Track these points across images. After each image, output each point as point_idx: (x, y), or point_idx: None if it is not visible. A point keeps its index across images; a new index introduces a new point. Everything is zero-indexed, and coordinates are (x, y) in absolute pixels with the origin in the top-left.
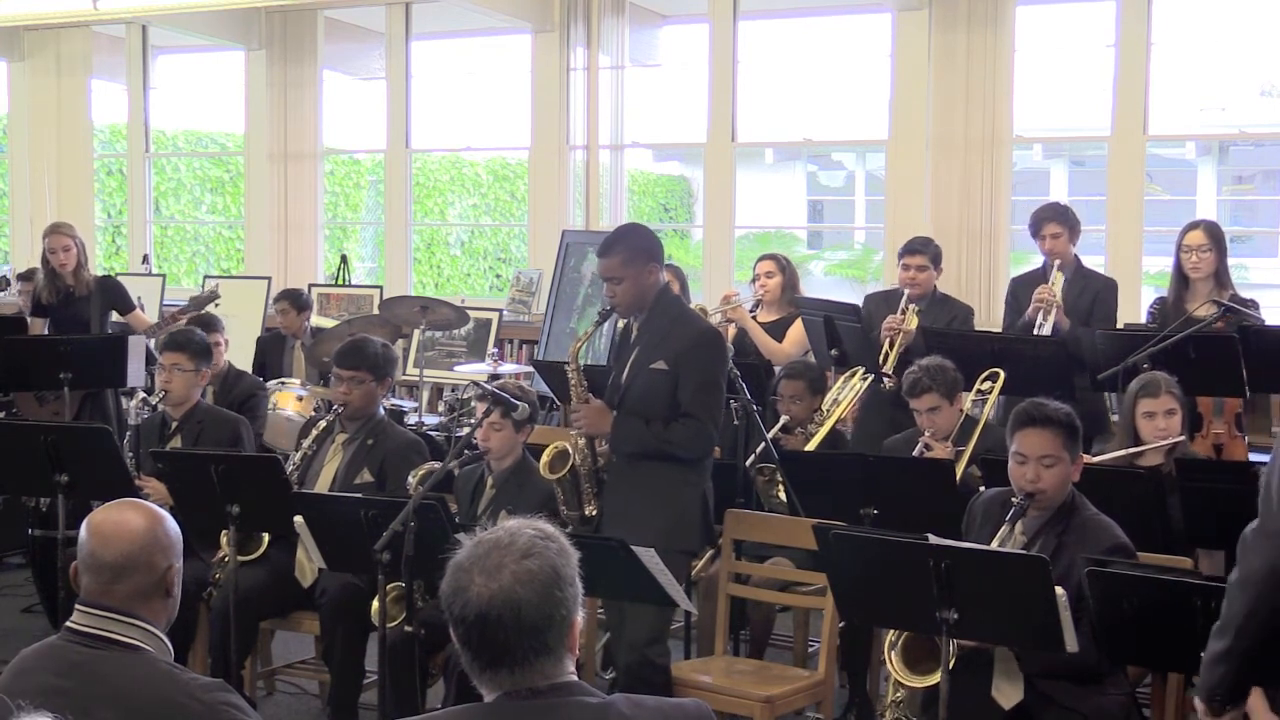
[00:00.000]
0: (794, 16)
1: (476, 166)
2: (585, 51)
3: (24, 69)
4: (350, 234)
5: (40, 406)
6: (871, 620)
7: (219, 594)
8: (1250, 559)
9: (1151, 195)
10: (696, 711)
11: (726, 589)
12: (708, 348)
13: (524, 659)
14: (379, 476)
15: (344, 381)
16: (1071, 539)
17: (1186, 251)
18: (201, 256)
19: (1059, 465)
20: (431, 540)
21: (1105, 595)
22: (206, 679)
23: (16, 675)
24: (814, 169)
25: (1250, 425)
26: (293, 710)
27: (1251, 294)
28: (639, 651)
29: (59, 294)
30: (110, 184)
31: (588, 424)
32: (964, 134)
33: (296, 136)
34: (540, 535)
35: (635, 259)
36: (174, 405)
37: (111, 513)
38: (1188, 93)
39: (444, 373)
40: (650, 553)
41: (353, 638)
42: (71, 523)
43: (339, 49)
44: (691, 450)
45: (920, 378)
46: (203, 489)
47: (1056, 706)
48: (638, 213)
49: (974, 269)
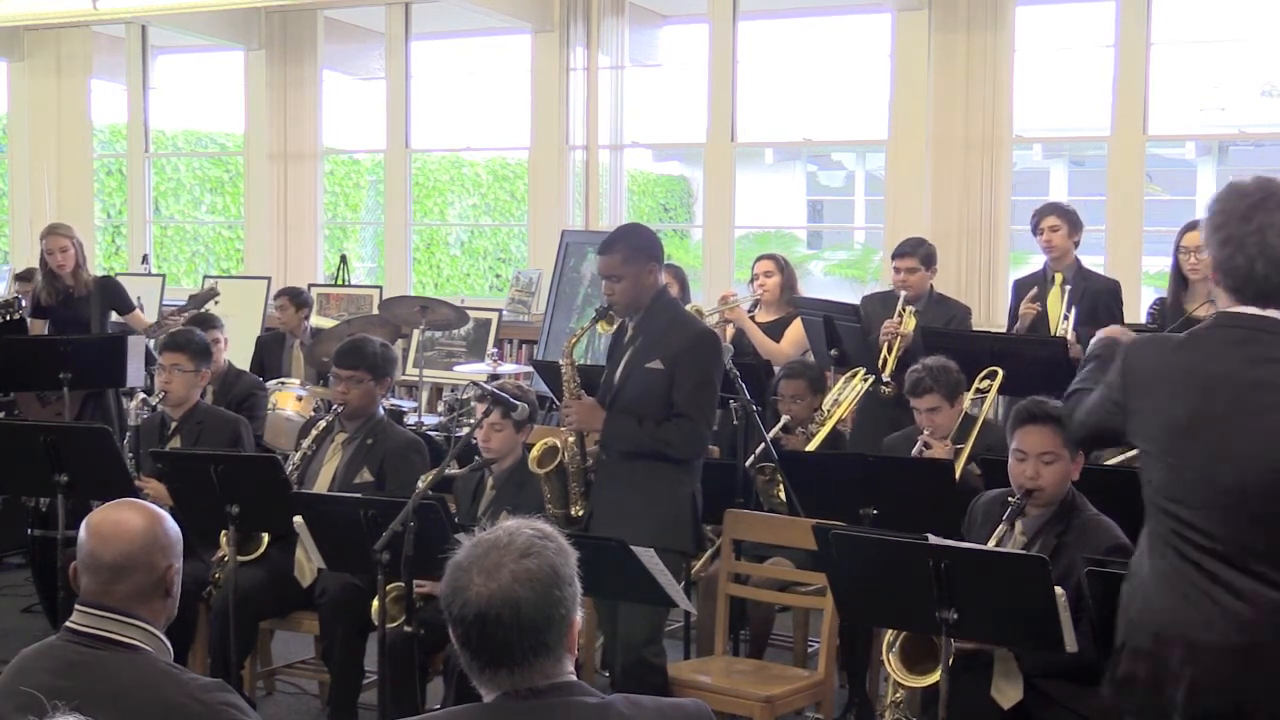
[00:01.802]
0: (794, 16)
1: (476, 166)
2: (585, 51)
3: (24, 69)
4: (350, 234)
5: (42, 407)
6: (871, 620)
7: (219, 594)
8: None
9: (1151, 195)
10: (696, 711)
11: (726, 589)
12: (704, 348)
13: (523, 658)
14: (378, 476)
15: (342, 381)
16: (1071, 539)
17: (1185, 252)
18: (201, 256)
19: (1059, 463)
20: (431, 540)
21: (1105, 595)
22: (206, 679)
23: (16, 675)
24: (814, 169)
25: None
26: (293, 710)
27: None
28: (636, 652)
29: (58, 295)
30: (110, 184)
31: (578, 420)
32: (964, 134)
33: (296, 136)
34: (539, 535)
35: (635, 258)
36: (174, 406)
37: (111, 513)
38: (1188, 93)
39: (444, 373)
40: (650, 553)
41: (352, 638)
42: (71, 523)
43: (339, 49)
44: (684, 450)
45: (923, 377)
46: (202, 489)
47: (1056, 706)
48: (637, 213)
49: (974, 269)
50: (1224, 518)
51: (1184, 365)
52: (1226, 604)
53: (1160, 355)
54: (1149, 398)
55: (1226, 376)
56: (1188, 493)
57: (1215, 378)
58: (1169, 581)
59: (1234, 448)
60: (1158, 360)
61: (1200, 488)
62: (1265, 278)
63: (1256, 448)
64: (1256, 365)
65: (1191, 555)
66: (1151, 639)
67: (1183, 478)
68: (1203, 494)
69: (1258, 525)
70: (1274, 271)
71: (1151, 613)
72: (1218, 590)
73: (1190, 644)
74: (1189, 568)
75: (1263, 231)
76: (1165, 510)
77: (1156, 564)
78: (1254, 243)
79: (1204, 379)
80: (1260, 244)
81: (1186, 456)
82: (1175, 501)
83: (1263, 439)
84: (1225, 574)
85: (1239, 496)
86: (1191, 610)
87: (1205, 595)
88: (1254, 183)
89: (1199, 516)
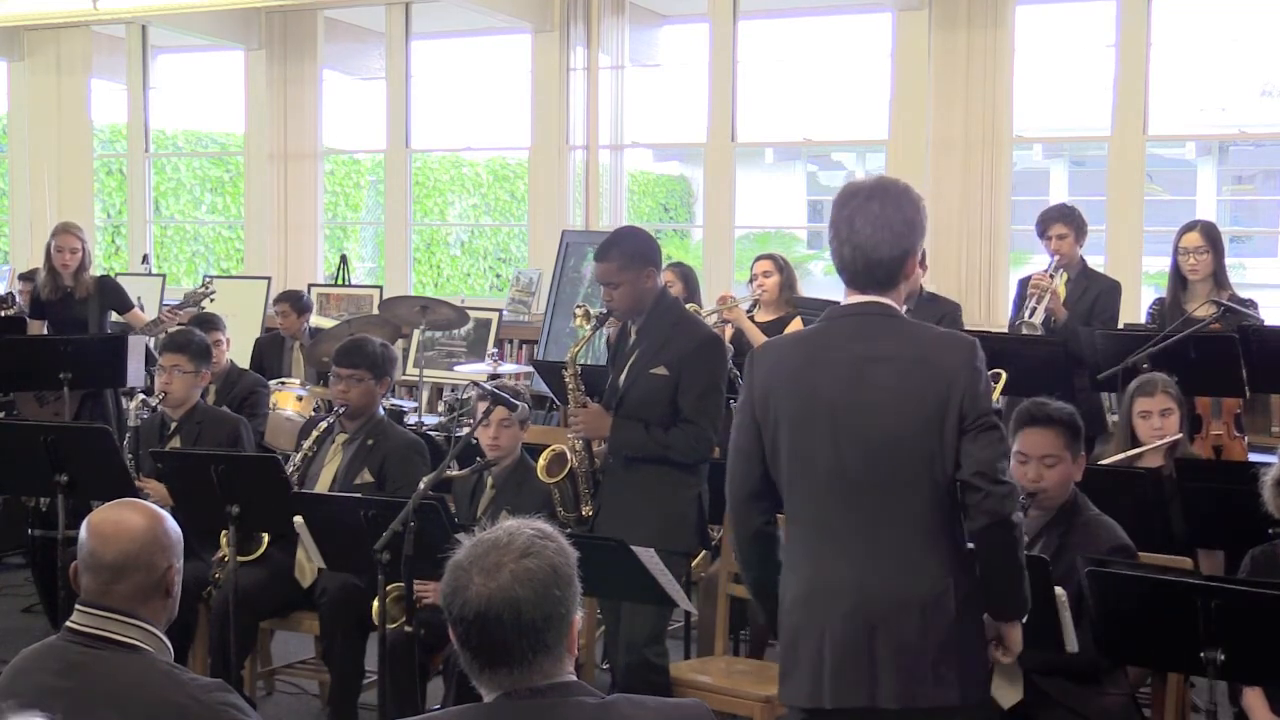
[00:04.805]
0: (794, 16)
1: (476, 166)
2: (585, 51)
3: (24, 69)
4: (350, 234)
5: (40, 407)
6: None
7: (219, 594)
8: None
9: (1151, 195)
10: (696, 711)
11: (726, 589)
12: (709, 353)
13: (523, 658)
14: (379, 477)
15: (343, 380)
16: (1074, 539)
17: (1183, 253)
18: (201, 256)
19: (1061, 465)
20: (431, 540)
21: (1105, 595)
22: (206, 679)
23: (16, 675)
24: (814, 169)
25: (1250, 425)
26: (293, 710)
27: (1251, 294)
28: (638, 652)
29: (58, 292)
30: (110, 184)
31: (586, 428)
32: (964, 134)
33: (296, 136)
34: (539, 534)
35: (632, 263)
36: (173, 406)
37: (111, 513)
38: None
39: (444, 373)
40: (650, 553)
41: (353, 638)
42: (71, 523)
43: (339, 49)
44: (691, 455)
45: None
46: (203, 489)
47: (1056, 706)
48: (638, 213)
49: (974, 269)
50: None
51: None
52: None
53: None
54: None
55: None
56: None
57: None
58: None
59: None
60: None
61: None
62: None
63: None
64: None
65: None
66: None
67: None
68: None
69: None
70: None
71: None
72: None
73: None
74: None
75: (851, 219)
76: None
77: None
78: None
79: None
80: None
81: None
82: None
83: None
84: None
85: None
86: None
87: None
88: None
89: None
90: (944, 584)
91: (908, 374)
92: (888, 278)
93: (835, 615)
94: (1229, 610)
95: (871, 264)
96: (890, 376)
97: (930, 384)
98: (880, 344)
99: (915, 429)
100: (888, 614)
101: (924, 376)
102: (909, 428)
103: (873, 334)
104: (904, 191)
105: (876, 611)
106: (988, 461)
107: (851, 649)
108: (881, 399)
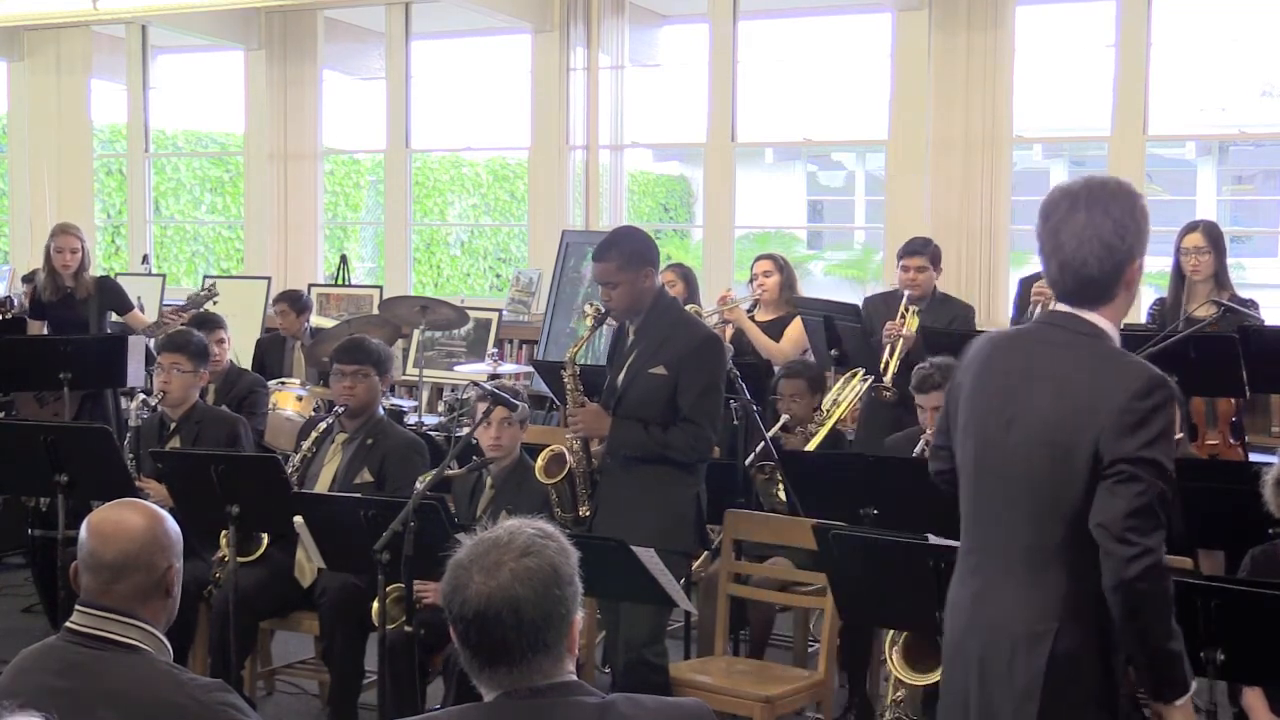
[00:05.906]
0: (794, 16)
1: (476, 166)
2: (585, 51)
3: (24, 69)
4: (350, 234)
5: (40, 407)
6: (871, 620)
7: (219, 594)
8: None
9: (1151, 195)
10: (696, 711)
11: (726, 589)
12: (708, 353)
13: (523, 657)
14: (379, 476)
15: (347, 377)
16: None
17: (1185, 253)
18: (201, 256)
19: None
20: (431, 540)
21: None
22: (206, 679)
23: (16, 675)
24: (814, 169)
25: (1250, 426)
26: (293, 710)
27: (1251, 294)
28: (637, 651)
29: (58, 293)
30: (110, 184)
31: (585, 427)
32: (964, 134)
33: (296, 136)
34: (539, 534)
35: (630, 264)
36: (172, 406)
37: (111, 513)
38: (1188, 93)
39: (444, 373)
40: (650, 553)
41: (352, 638)
42: (71, 523)
43: (339, 49)
44: (691, 455)
45: (931, 374)
46: (203, 489)
47: None
48: (638, 213)
49: (974, 269)
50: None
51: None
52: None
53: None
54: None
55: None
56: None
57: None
58: None
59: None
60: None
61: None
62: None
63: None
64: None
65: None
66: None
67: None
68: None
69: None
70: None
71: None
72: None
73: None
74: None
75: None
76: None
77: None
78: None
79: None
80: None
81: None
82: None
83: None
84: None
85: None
86: None
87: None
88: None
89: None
90: (1046, 625)
91: (1060, 397)
92: (1102, 293)
93: (955, 633)
94: (1229, 610)
95: (1083, 282)
96: (1044, 397)
97: (1075, 414)
98: (1053, 362)
99: (1047, 458)
100: (985, 645)
101: (1072, 404)
102: (1039, 456)
103: (1050, 349)
104: (1113, 194)
105: (977, 641)
106: (1113, 516)
107: (960, 672)
108: (1025, 419)
